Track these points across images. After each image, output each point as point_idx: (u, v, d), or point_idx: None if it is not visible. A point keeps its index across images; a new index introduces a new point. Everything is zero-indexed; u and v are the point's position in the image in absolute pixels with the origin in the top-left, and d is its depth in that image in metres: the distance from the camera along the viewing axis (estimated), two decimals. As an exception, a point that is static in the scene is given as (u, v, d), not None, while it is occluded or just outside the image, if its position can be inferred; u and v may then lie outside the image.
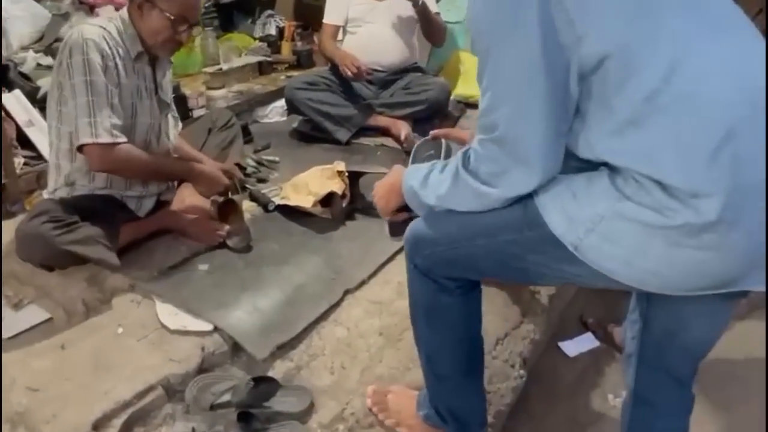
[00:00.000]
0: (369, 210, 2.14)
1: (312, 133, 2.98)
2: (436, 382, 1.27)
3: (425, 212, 1.11)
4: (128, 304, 1.68)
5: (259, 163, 2.62)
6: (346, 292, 1.78)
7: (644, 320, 1.11)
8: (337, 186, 2.09)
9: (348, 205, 2.14)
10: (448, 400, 1.27)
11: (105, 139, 1.66)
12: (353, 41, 2.97)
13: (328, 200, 2.09)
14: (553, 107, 0.88)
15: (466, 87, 3.34)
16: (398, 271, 1.83)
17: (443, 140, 1.36)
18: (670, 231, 0.83)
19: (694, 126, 0.81)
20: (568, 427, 1.79)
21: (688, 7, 0.86)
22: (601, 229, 0.88)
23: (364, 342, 1.61)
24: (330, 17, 3.00)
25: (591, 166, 0.92)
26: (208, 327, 1.57)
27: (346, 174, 2.13)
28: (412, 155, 1.38)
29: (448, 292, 1.13)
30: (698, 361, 1.11)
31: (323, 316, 1.68)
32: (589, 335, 2.14)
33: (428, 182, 1.07)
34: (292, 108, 2.96)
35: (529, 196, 0.96)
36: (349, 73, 2.80)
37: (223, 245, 1.94)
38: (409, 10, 2.90)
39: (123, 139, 1.71)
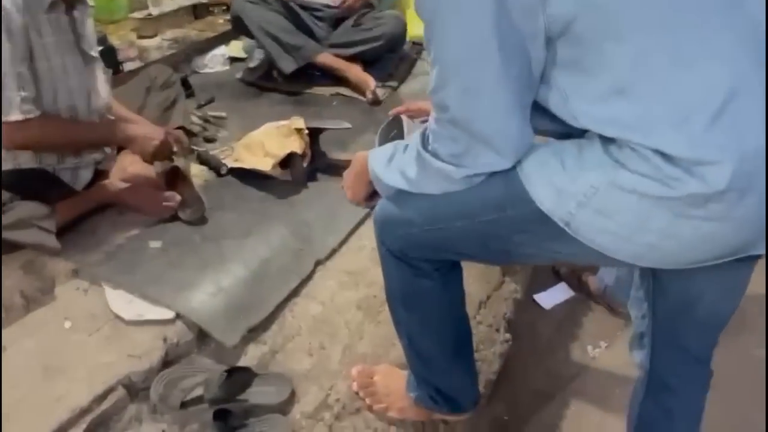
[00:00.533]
0: (332, 169, 2.00)
1: (260, 83, 2.77)
2: (422, 365, 1.19)
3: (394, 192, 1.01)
4: (74, 293, 1.50)
5: (205, 120, 2.38)
6: (317, 263, 1.66)
7: (653, 297, 1.03)
8: (297, 145, 1.91)
9: (309, 165, 1.98)
10: (437, 382, 1.19)
11: (14, 116, 1.46)
12: None
13: (286, 161, 1.92)
14: (510, 81, 0.78)
15: (419, 27, 3.15)
16: (371, 235, 1.65)
17: (403, 117, 1.29)
18: (674, 202, 0.74)
19: (690, 88, 0.72)
20: (551, 382, 1.76)
21: None
22: (595, 203, 0.78)
23: (342, 317, 1.50)
24: None
25: (577, 131, 0.82)
26: (169, 314, 1.42)
27: (306, 131, 1.96)
28: (377, 140, 1.32)
29: (426, 275, 1.04)
30: (718, 333, 1.04)
31: (295, 292, 1.56)
32: (562, 285, 2.11)
33: (392, 164, 0.98)
34: (239, 26, 2.73)
35: (512, 168, 0.86)
36: None
37: (175, 218, 1.76)
38: None
39: (35, 113, 1.50)
